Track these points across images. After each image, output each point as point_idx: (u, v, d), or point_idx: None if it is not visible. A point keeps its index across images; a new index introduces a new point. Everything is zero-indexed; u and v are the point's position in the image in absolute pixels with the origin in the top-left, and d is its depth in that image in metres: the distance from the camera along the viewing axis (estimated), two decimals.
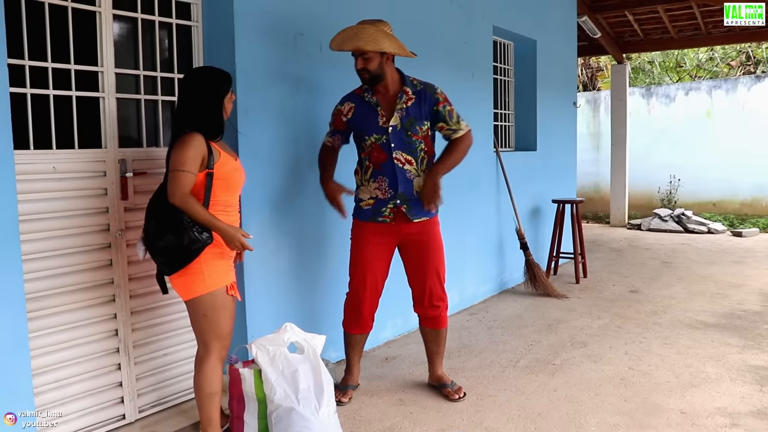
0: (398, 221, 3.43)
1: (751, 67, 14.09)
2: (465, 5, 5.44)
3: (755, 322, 4.98)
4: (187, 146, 2.68)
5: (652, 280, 6.62)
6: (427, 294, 3.54)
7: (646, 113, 12.15)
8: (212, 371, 2.83)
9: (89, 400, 3.05)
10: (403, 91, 3.39)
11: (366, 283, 3.49)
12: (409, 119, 3.37)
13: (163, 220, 2.70)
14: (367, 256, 3.48)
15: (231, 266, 2.92)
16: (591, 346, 4.44)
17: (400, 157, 3.37)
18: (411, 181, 3.39)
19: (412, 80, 3.45)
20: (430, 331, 3.64)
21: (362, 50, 3.24)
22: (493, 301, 5.83)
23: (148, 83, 3.33)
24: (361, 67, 3.30)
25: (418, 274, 3.54)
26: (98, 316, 3.07)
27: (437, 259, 3.53)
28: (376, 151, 3.38)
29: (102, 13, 3.03)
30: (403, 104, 3.37)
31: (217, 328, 2.82)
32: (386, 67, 3.33)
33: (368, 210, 3.45)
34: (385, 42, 3.24)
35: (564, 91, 7.63)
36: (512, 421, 3.29)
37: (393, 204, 3.40)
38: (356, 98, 3.46)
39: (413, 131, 3.37)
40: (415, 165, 3.40)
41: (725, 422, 3.24)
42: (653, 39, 10.68)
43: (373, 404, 3.54)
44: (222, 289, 2.80)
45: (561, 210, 6.68)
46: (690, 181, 11.37)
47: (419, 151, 3.40)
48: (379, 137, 3.37)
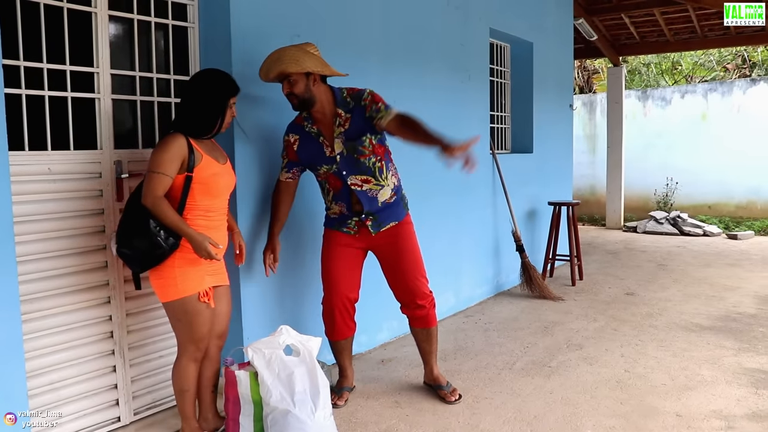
0: (364, 233, 3.41)
1: (746, 70, 14.13)
2: (462, 7, 5.44)
3: (750, 324, 4.98)
4: (166, 148, 2.69)
5: (648, 282, 6.62)
6: (410, 294, 3.50)
7: (641, 116, 12.18)
8: (183, 370, 2.90)
9: (84, 403, 3.04)
10: (337, 115, 3.27)
11: (337, 289, 3.47)
12: (351, 143, 3.27)
13: (131, 221, 2.72)
14: (334, 263, 3.46)
15: (210, 272, 2.89)
16: (587, 349, 4.44)
17: (356, 180, 3.30)
18: (375, 197, 3.33)
19: (344, 97, 3.30)
20: (420, 330, 3.61)
21: (286, 73, 3.14)
22: (489, 304, 5.82)
23: (144, 84, 3.31)
24: (287, 92, 3.20)
25: (396, 277, 3.50)
26: (93, 318, 3.06)
27: (413, 259, 3.48)
28: (331, 179, 3.34)
29: (98, 13, 3.02)
30: (340, 129, 3.27)
31: (189, 332, 2.85)
32: (315, 89, 3.20)
33: (335, 219, 3.45)
34: (307, 61, 3.12)
35: (560, 93, 7.64)
36: (508, 424, 3.28)
37: (358, 218, 3.38)
38: (298, 129, 3.36)
39: (359, 153, 3.28)
40: (375, 179, 3.33)
41: (721, 425, 3.24)
42: (649, 42, 10.70)
43: (369, 407, 3.53)
44: (194, 295, 2.80)
45: (557, 212, 6.68)
46: (685, 184, 11.40)
47: (373, 165, 3.31)
48: (330, 167, 3.30)
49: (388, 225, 3.42)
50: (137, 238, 2.68)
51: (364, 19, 4.31)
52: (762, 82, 11.20)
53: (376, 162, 3.34)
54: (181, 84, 3.44)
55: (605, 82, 12.18)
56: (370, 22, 4.36)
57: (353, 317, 3.60)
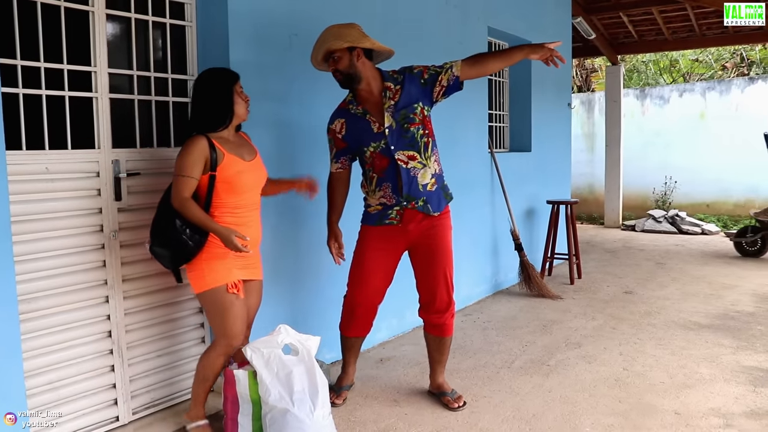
0: (405, 222, 3.36)
1: (744, 68, 14.13)
2: (460, 6, 5.44)
3: (748, 323, 4.99)
4: (188, 151, 2.80)
5: (647, 281, 6.63)
6: (436, 301, 3.45)
7: (640, 114, 12.19)
8: (212, 361, 2.98)
9: (82, 402, 3.03)
10: (386, 88, 3.30)
11: (365, 289, 3.45)
12: (401, 113, 3.27)
13: (161, 221, 2.85)
14: (369, 262, 3.42)
15: (240, 266, 2.98)
16: (585, 347, 4.44)
17: (402, 156, 3.28)
18: (416, 177, 3.30)
19: (391, 73, 3.36)
20: (434, 338, 3.56)
21: (329, 50, 3.19)
22: (488, 302, 5.83)
23: (142, 83, 3.31)
24: (332, 69, 3.25)
25: (427, 279, 3.45)
26: (91, 317, 3.05)
27: (446, 263, 3.45)
28: (377, 159, 3.31)
29: (95, 12, 3.01)
30: (390, 101, 3.28)
31: (222, 326, 2.92)
32: (360, 66, 3.23)
33: (375, 214, 3.40)
34: (348, 35, 3.17)
35: (558, 92, 7.64)
36: (507, 422, 3.29)
37: (399, 206, 3.33)
38: (344, 113, 3.38)
39: (409, 121, 3.27)
40: (420, 157, 3.30)
41: (719, 423, 3.24)
42: (647, 40, 10.71)
43: (368, 405, 3.53)
44: (221, 286, 2.87)
45: (555, 211, 6.69)
46: (684, 183, 11.41)
47: (420, 139, 3.30)
48: (378, 144, 3.28)
49: (431, 213, 3.36)
50: (166, 237, 2.80)
51: (363, 18, 4.29)
52: (760, 80, 11.21)
53: (424, 134, 3.32)
54: (180, 83, 3.44)
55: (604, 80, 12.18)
56: (368, 21, 4.34)
57: (372, 320, 3.58)
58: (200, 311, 3.56)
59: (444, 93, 3.33)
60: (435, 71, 3.31)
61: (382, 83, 3.32)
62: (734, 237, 8.18)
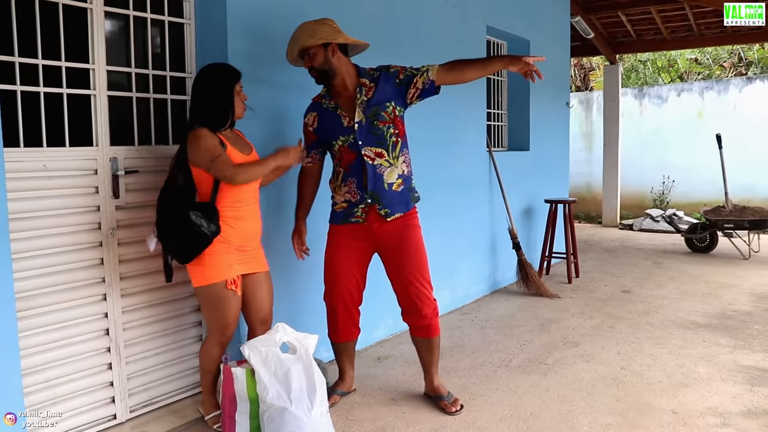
0: (371, 221, 3.33)
1: (742, 68, 14.15)
2: (459, 4, 5.44)
3: (746, 322, 5.00)
4: (202, 138, 2.85)
5: (644, 280, 6.64)
6: (413, 302, 3.39)
7: (638, 114, 12.20)
8: (209, 352, 3.09)
9: (80, 400, 3.03)
10: (361, 84, 3.30)
11: (340, 290, 3.42)
12: (373, 109, 3.26)
13: (171, 217, 2.87)
14: (340, 263, 3.40)
15: (240, 261, 3.02)
16: (583, 346, 4.44)
17: (369, 152, 3.26)
18: (381, 175, 3.28)
19: (368, 70, 3.35)
20: (422, 340, 3.50)
21: (304, 47, 3.19)
22: (486, 301, 5.83)
23: (140, 81, 3.30)
24: (308, 66, 3.25)
25: (400, 282, 3.38)
26: (89, 315, 3.05)
27: (418, 264, 3.37)
28: (345, 153, 3.30)
29: (93, 9, 3.01)
30: (363, 97, 3.27)
31: (216, 318, 3.01)
32: (335, 61, 3.23)
33: (341, 212, 3.38)
34: (321, 32, 3.17)
35: (557, 91, 7.64)
36: (505, 421, 3.29)
37: (365, 204, 3.31)
38: (317, 107, 3.38)
39: (379, 119, 3.27)
40: (387, 155, 3.29)
41: (716, 422, 3.25)
42: (646, 40, 10.71)
43: (366, 404, 3.53)
44: (221, 282, 2.93)
45: (553, 210, 6.69)
46: (682, 182, 11.43)
47: (389, 137, 3.29)
48: (346, 138, 3.27)
49: (396, 215, 3.32)
50: (182, 231, 2.82)
51: (361, 16, 4.30)
52: (758, 80, 11.22)
53: (393, 134, 3.31)
54: (178, 81, 3.44)
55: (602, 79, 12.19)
56: (366, 20, 4.35)
57: (357, 321, 3.56)
58: (198, 309, 3.56)
59: (419, 96, 3.32)
60: (411, 73, 3.31)
61: (358, 79, 3.32)
62: (685, 233, 8.52)
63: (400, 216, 3.35)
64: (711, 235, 8.26)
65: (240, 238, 3.00)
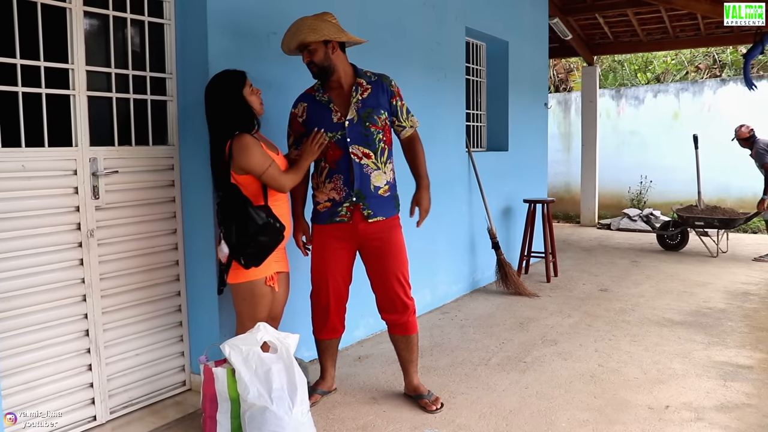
0: (356, 220, 3.34)
1: (717, 70, 14.35)
2: (438, 6, 5.47)
3: (720, 319, 5.09)
4: (250, 148, 2.92)
5: (621, 278, 6.72)
6: (391, 301, 3.44)
7: (615, 114, 12.34)
8: None
9: (59, 402, 3.02)
10: (358, 84, 3.33)
11: (327, 289, 3.44)
12: (366, 110, 3.30)
13: (247, 224, 2.92)
14: (326, 261, 3.41)
15: (276, 258, 3.12)
16: (561, 344, 4.50)
17: (357, 151, 3.28)
18: (368, 176, 3.31)
19: (366, 72, 3.40)
20: (400, 338, 3.54)
21: (304, 42, 3.19)
22: (465, 300, 5.87)
23: (120, 81, 3.29)
24: (307, 61, 3.26)
25: (380, 281, 3.44)
26: (68, 316, 3.04)
27: (398, 264, 3.41)
28: (331, 148, 3.30)
29: (72, 9, 3.00)
30: (358, 96, 3.31)
31: (251, 312, 3.10)
32: (334, 58, 3.25)
33: (325, 212, 3.38)
34: (324, 29, 3.18)
35: (535, 92, 7.72)
36: (484, 419, 3.32)
37: (349, 202, 3.31)
38: (308, 98, 3.39)
39: (371, 122, 3.30)
40: (374, 158, 3.32)
41: (690, 416, 3.31)
42: (623, 42, 10.84)
43: (347, 403, 3.55)
44: (261, 279, 3.05)
45: (532, 210, 6.75)
46: (658, 182, 11.58)
47: (378, 142, 3.32)
48: (335, 134, 3.28)
49: (378, 217, 3.35)
50: (262, 235, 2.93)
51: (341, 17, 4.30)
52: (731, 82, 11.40)
53: (382, 140, 3.35)
54: (158, 81, 3.43)
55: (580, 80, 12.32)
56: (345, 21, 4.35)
57: (343, 319, 3.58)
58: (178, 310, 3.57)
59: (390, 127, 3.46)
60: (400, 112, 3.45)
61: (354, 78, 3.35)
62: (657, 230, 8.74)
63: (382, 219, 3.37)
64: (682, 233, 8.46)
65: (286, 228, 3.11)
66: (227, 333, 3.49)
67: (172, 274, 3.54)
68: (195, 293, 3.56)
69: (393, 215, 3.44)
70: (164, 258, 3.49)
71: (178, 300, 3.57)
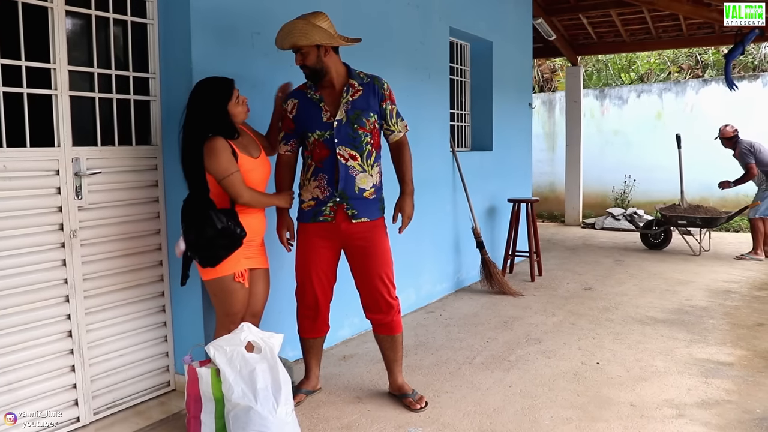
0: (339, 220, 3.35)
1: (699, 70, 14.48)
2: (422, 6, 5.49)
3: (701, 317, 5.14)
4: (217, 152, 2.96)
5: (605, 277, 6.77)
6: (376, 301, 3.45)
7: (599, 114, 12.42)
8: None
9: (42, 403, 3.00)
10: (349, 85, 3.33)
11: (312, 287, 3.44)
12: (356, 112, 3.31)
13: (205, 226, 2.92)
14: (310, 260, 3.42)
15: (247, 255, 3.15)
16: (545, 343, 4.53)
17: (344, 152, 3.29)
18: (354, 177, 3.31)
19: (358, 73, 3.40)
20: (384, 337, 3.55)
21: (296, 46, 3.21)
22: (450, 300, 5.90)
23: (103, 81, 3.28)
24: (300, 63, 3.27)
25: (364, 280, 3.44)
26: (51, 317, 3.02)
27: (383, 264, 3.41)
28: (318, 147, 3.31)
29: (54, 8, 2.98)
30: (349, 97, 3.31)
31: (225, 307, 3.14)
32: (327, 60, 3.26)
33: (309, 211, 3.39)
34: (316, 34, 3.17)
35: (519, 91, 7.75)
36: (468, 417, 3.34)
37: (333, 202, 3.32)
38: (299, 94, 3.40)
39: (360, 124, 3.31)
40: (360, 160, 3.33)
41: (672, 413, 3.35)
42: (606, 42, 10.92)
43: (331, 402, 3.56)
44: (229, 275, 3.07)
45: (516, 209, 6.79)
46: (642, 181, 11.68)
47: (365, 145, 3.33)
48: (323, 133, 3.30)
49: (362, 219, 3.35)
50: (219, 239, 2.94)
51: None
52: (713, 82, 11.51)
53: (369, 143, 3.36)
54: (141, 81, 3.42)
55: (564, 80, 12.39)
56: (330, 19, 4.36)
57: (327, 318, 3.58)
58: (162, 311, 3.56)
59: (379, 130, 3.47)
60: (390, 116, 3.44)
61: (347, 79, 3.36)
62: (641, 230, 8.79)
63: (367, 221, 3.38)
64: (665, 232, 8.54)
65: (248, 234, 3.10)
66: (211, 333, 3.48)
67: (156, 275, 3.52)
68: (179, 294, 3.55)
69: (378, 218, 3.45)
70: (148, 258, 3.47)
71: (162, 300, 3.56)
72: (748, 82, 11.08)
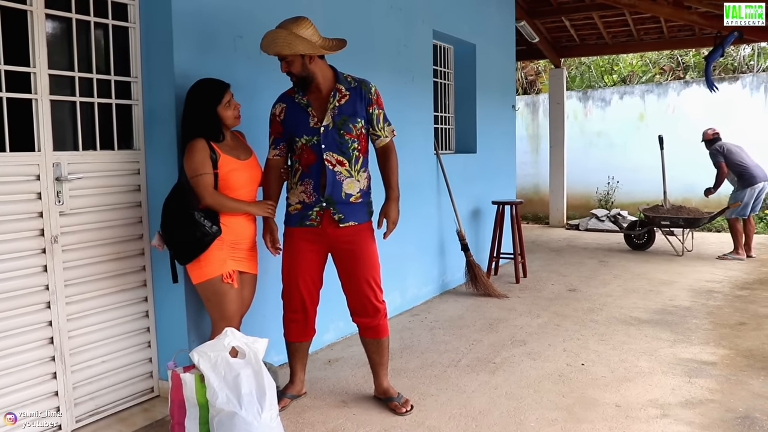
0: (325, 224, 3.35)
1: (680, 72, 14.61)
2: (404, 9, 5.49)
3: (685, 317, 5.18)
4: (193, 152, 3.06)
5: (590, 278, 6.81)
6: (362, 305, 3.44)
7: (583, 116, 12.50)
8: None
9: (23, 411, 2.95)
10: (336, 89, 3.32)
11: (298, 291, 3.43)
12: (342, 117, 3.31)
13: (178, 217, 3.04)
14: (297, 264, 3.41)
15: (234, 257, 3.21)
16: (530, 344, 4.54)
17: (331, 158, 3.29)
18: (341, 183, 3.31)
19: (346, 77, 3.39)
20: (371, 341, 3.54)
21: (280, 55, 3.20)
22: (435, 302, 5.90)
23: (84, 85, 3.25)
24: (286, 71, 3.27)
25: (351, 284, 3.44)
26: (32, 324, 2.99)
27: (370, 267, 3.41)
28: (306, 152, 3.31)
29: (33, 12, 2.95)
30: (335, 102, 3.31)
31: (219, 311, 3.17)
32: (312, 67, 3.24)
33: (296, 215, 3.38)
34: (299, 45, 3.15)
35: (503, 94, 7.78)
36: (454, 420, 3.34)
37: (319, 207, 3.32)
38: (287, 99, 3.39)
39: (346, 130, 3.31)
40: (348, 165, 3.32)
41: (656, 413, 3.36)
42: (589, 44, 11.01)
43: (316, 407, 3.54)
44: (217, 277, 3.11)
45: (501, 211, 6.80)
46: (625, 182, 11.77)
47: (352, 150, 3.33)
48: (310, 138, 3.29)
49: (349, 223, 3.35)
50: (188, 231, 3.02)
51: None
52: (694, 84, 11.63)
53: (357, 149, 3.35)
54: (123, 85, 3.40)
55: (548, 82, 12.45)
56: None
57: (314, 322, 3.57)
58: (146, 316, 3.53)
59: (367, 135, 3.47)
60: (377, 121, 3.42)
61: (334, 83, 3.34)
62: (625, 230, 8.89)
63: (354, 225, 3.38)
64: (648, 233, 8.62)
65: (232, 236, 3.18)
66: (195, 338, 3.46)
67: (139, 280, 3.50)
68: (162, 299, 3.53)
69: (365, 221, 3.44)
70: (131, 263, 3.45)
71: (145, 306, 3.53)
72: (728, 84, 11.19)
